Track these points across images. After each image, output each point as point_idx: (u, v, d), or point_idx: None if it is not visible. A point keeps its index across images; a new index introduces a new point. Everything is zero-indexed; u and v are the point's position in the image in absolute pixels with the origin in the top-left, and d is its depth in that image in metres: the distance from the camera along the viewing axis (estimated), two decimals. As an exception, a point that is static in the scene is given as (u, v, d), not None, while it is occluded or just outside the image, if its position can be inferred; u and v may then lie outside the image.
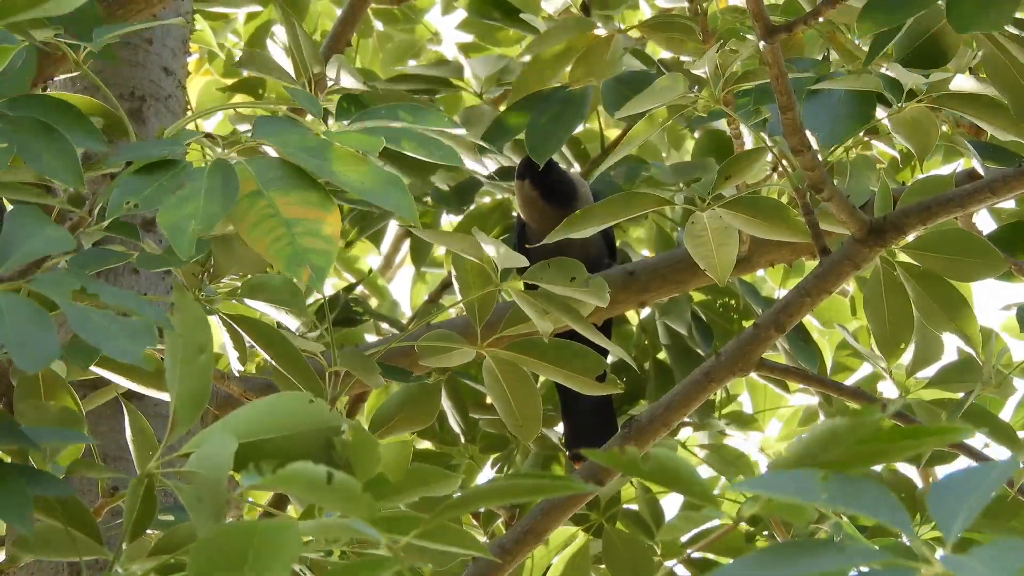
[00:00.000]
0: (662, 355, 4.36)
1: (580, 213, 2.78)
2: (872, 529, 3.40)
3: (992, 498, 3.39)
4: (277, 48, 3.37)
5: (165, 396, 2.50)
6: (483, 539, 4.22)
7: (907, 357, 3.18)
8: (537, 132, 3.41)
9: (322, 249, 1.97)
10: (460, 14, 4.61)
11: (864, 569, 1.21)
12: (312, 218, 1.99)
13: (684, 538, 4.12)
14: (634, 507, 4.20)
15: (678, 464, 1.34)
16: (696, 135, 4.44)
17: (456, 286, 2.90)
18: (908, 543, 1.24)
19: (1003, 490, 3.42)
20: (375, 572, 1.39)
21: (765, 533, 4.16)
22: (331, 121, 2.20)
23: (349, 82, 3.09)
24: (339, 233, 2.00)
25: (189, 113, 3.89)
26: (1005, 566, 1.16)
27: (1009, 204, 3.99)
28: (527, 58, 3.57)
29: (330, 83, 2.92)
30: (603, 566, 4.10)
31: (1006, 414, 3.94)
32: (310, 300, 3.82)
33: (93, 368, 2.50)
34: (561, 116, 3.42)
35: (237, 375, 2.95)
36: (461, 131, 2.31)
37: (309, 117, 2.20)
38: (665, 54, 3.99)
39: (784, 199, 3.30)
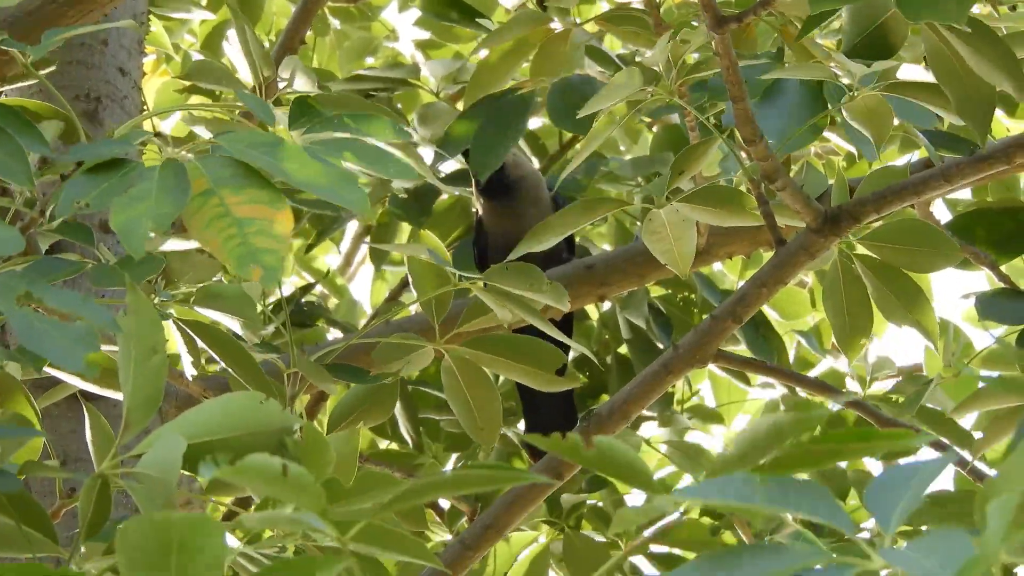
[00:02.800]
0: (624, 349, 4.37)
1: (540, 226, 2.80)
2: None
3: (953, 493, 3.38)
4: (234, 49, 3.35)
5: (116, 395, 2.49)
6: (447, 536, 4.22)
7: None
8: (482, 144, 3.40)
9: (274, 248, 1.96)
10: (417, 11, 4.61)
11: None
12: (264, 217, 1.98)
13: (647, 532, 4.12)
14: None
15: (619, 451, 1.33)
16: (655, 129, 4.45)
17: (413, 286, 2.90)
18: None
19: (970, 484, 3.42)
20: (313, 571, 1.38)
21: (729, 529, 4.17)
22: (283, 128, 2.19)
23: (303, 84, 3.07)
24: (291, 232, 1.99)
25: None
26: (944, 555, 1.16)
27: (965, 195, 4.00)
28: (483, 53, 3.55)
29: (283, 84, 2.91)
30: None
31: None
32: (271, 299, 3.81)
33: (48, 370, 2.48)
34: (506, 125, 3.41)
35: (190, 379, 2.94)
36: (411, 135, 2.29)
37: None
38: (625, 49, 4.00)
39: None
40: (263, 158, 2.02)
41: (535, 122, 4.83)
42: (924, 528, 3.34)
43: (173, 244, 2.81)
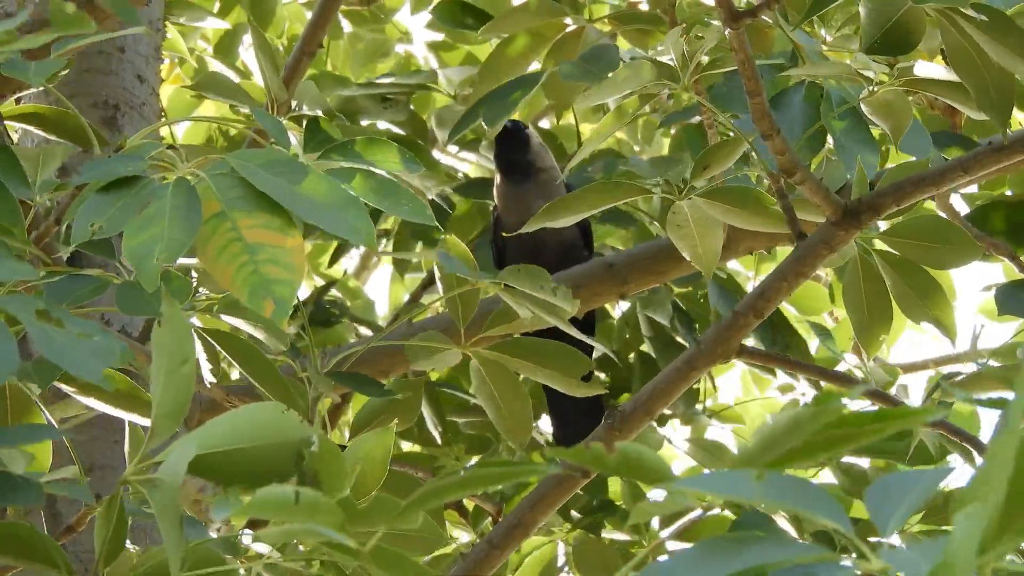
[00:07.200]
0: (646, 347, 4.36)
1: (559, 202, 2.74)
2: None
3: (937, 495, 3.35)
4: (250, 58, 3.36)
5: (129, 416, 2.48)
6: (472, 537, 4.23)
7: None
8: (494, 97, 3.40)
9: (286, 279, 1.94)
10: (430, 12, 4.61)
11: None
12: (275, 244, 1.95)
13: (665, 533, 4.12)
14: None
15: (644, 456, 1.32)
16: (672, 131, 4.44)
17: (439, 284, 2.89)
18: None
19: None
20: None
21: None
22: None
23: (310, 109, 3.08)
24: (304, 259, 1.96)
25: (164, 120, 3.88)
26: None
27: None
28: (495, 43, 3.55)
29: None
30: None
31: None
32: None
33: (60, 386, 2.47)
34: (517, 83, 3.41)
35: (209, 385, 2.95)
36: (419, 168, 2.26)
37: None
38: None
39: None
40: (273, 180, 2.00)
41: (548, 122, 4.83)
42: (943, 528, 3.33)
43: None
